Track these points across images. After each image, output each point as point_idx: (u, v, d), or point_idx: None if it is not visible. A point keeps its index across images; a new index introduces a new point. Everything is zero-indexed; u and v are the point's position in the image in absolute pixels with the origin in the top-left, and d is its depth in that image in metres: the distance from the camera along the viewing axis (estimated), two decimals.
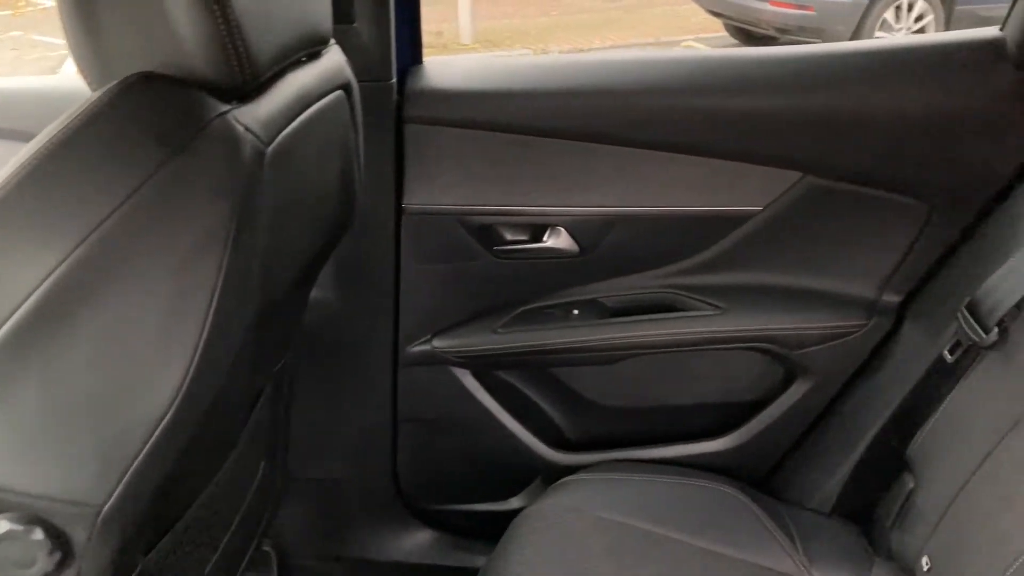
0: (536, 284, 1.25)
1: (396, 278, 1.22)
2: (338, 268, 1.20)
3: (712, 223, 1.19)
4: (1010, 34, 1.08)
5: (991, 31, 1.10)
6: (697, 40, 7.06)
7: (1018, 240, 1.04)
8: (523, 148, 1.16)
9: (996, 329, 1.00)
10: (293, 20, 0.72)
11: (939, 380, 1.08)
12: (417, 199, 1.18)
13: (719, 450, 1.29)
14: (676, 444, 1.30)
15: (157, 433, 0.59)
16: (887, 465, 1.16)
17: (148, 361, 0.59)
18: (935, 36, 1.12)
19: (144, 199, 0.57)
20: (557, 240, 1.20)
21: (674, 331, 1.22)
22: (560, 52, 6.84)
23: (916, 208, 1.16)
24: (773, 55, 1.13)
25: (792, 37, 6.04)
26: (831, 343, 1.21)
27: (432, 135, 1.16)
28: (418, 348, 1.26)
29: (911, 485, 1.11)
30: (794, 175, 1.15)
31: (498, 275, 1.23)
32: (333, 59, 0.85)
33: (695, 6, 6.74)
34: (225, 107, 0.62)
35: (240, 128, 0.62)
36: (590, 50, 6.90)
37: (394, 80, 1.12)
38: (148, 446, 0.59)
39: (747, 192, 1.17)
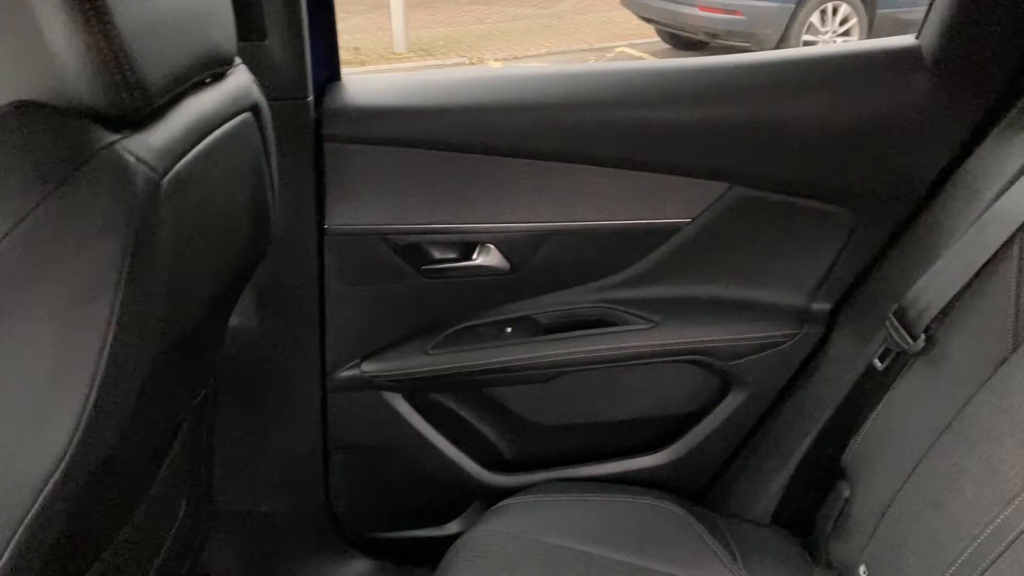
0: (467, 303, 1.22)
1: (321, 301, 1.18)
2: (259, 294, 1.16)
3: (642, 236, 1.18)
4: (925, 42, 1.09)
5: (907, 39, 1.11)
6: (631, 46, 7.14)
7: (942, 245, 1.05)
8: (449, 164, 1.13)
9: (923, 336, 1.01)
10: (190, 40, 0.68)
11: (870, 388, 1.09)
12: (339, 219, 1.14)
13: (657, 464, 1.28)
14: (613, 460, 1.29)
15: (45, 492, 0.55)
16: (824, 474, 1.16)
17: (32, 415, 0.54)
18: (853, 44, 1.12)
19: (20, 241, 0.52)
20: (487, 257, 1.18)
21: (608, 346, 1.21)
22: (495, 60, 6.84)
23: (842, 216, 1.16)
24: (696, 66, 1.12)
25: (722, 41, 6.15)
26: (764, 353, 1.21)
27: (353, 153, 1.12)
28: (347, 373, 1.22)
29: (847, 493, 1.11)
30: (721, 186, 1.14)
31: (427, 295, 1.20)
32: (239, 80, 0.81)
33: (628, 12, 6.81)
34: (113, 137, 0.57)
35: (130, 159, 0.58)
36: (525, 57, 6.92)
37: (311, 98, 1.08)
38: (36, 507, 0.55)
39: (676, 204, 1.16)
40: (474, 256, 1.17)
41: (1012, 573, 0.83)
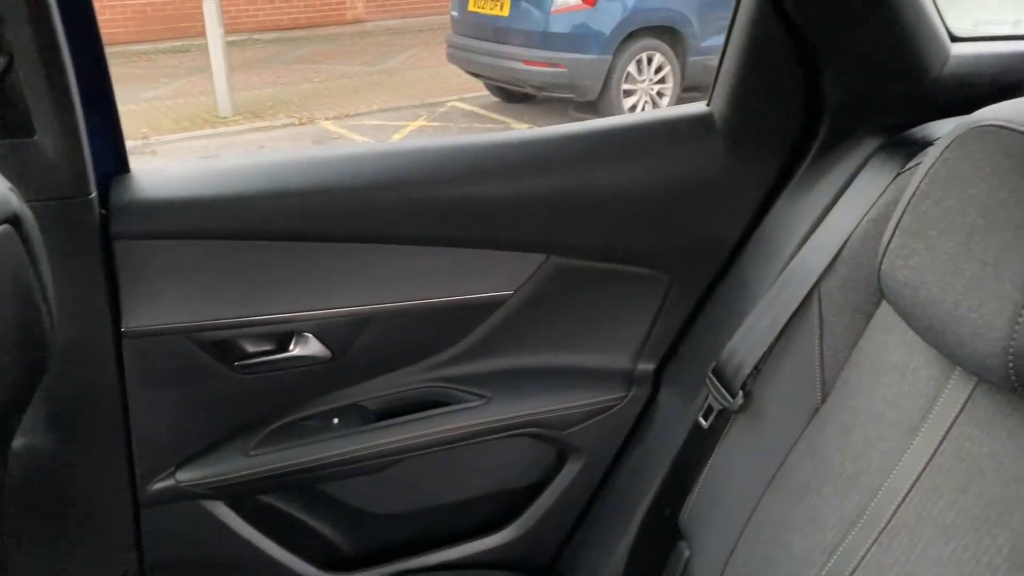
0: (288, 396, 1.15)
1: (124, 410, 1.08)
2: (51, 410, 1.04)
3: (466, 311, 1.15)
4: (715, 108, 1.14)
5: (700, 107, 1.15)
6: (461, 100, 7.26)
7: (751, 302, 1.08)
8: (256, 254, 1.07)
9: (741, 392, 1.04)
10: None
11: (698, 446, 1.10)
12: (138, 320, 1.05)
13: (502, 543, 1.25)
14: (458, 544, 1.24)
15: None
16: (664, 536, 1.17)
17: None
18: (650, 113, 1.16)
19: None
20: (305, 347, 1.11)
21: (442, 428, 1.17)
22: (326, 119, 6.76)
23: (657, 279, 1.19)
24: (503, 141, 1.13)
25: (548, 93, 6.36)
26: (596, 419, 1.21)
27: (147, 250, 1.04)
28: (160, 485, 1.12)
29: (687, 554, 1.12)
30: (539, 257, 1.14)
31: (243, 392, 1.12)
32: None
33: (456, 68, 6.93)
34: None
35: None
36: (356, 115, 6.88)
37: (94, 194, 0.99)
38: None
39: (497, 277, 1.15)
40: (291, 347, 1.11)
41: None
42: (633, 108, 6.20)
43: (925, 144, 0.98)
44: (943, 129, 0.89)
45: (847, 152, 1.07)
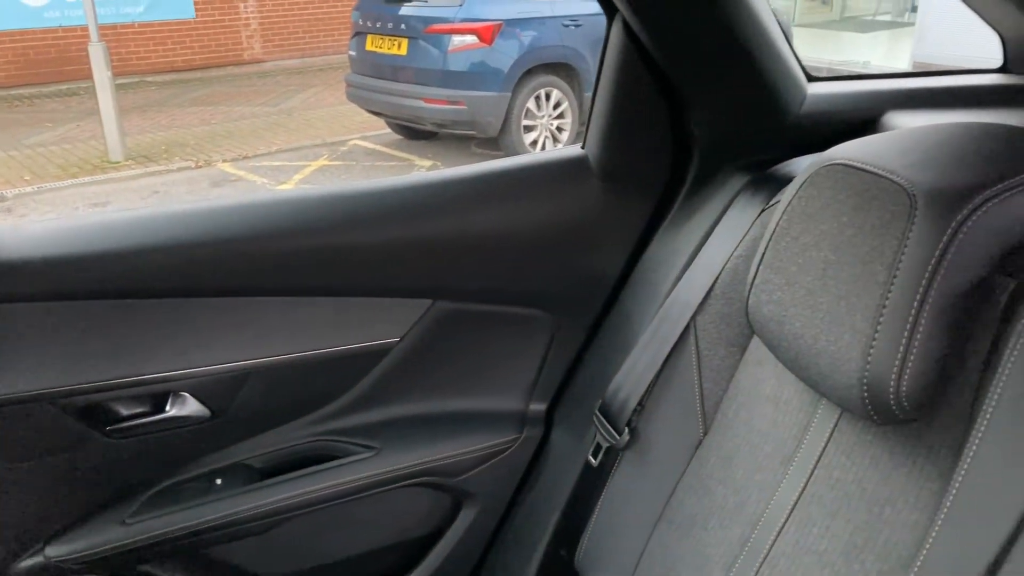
0: (166, 459, 1.10)
1: None
2: None
3: (352, 361, 1.13)
4: (590, 151, 1.16)
5: (575, 149, 1.17)
6: (363, 138, 7.22)
7: (633, 339, 1.10)
8: (124, 312, 1.02)
9: (627, 429, 1.05)
10: None
11: (590, 484, 1.11)
12: None
13: None
14: None
15: None
16: None
17: None
18: (527, 156, 1.17)
19: None
20: (182, 407, 1.07)
21: (330, 483, 1.14)
22: (224, 161, 6.61)
23: (543, 319, 1.20)
24: (381, 188, 1.11)
25: (450, 130, 6.39)
26: (489, 463, 1.20)
27: (5, 313, 0.98)
28: (28, 562, 1.05)
29: None
30: (425, 302, 1.13)
31: (117, 458, 1.06)
32: None
33: (357, 107, 6.89)
34: None
35: None
36: (256, 156, 6.75)
37: None
38: None
39: (383, 325, 1.13)
40: (167, 408, 1.06)
41: None
42: (534, 143, 6.30)
43: (786, 180, 1.02)
44: (803, 165, 0.92)
45: (716, 189, 1.10)
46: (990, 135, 0.76)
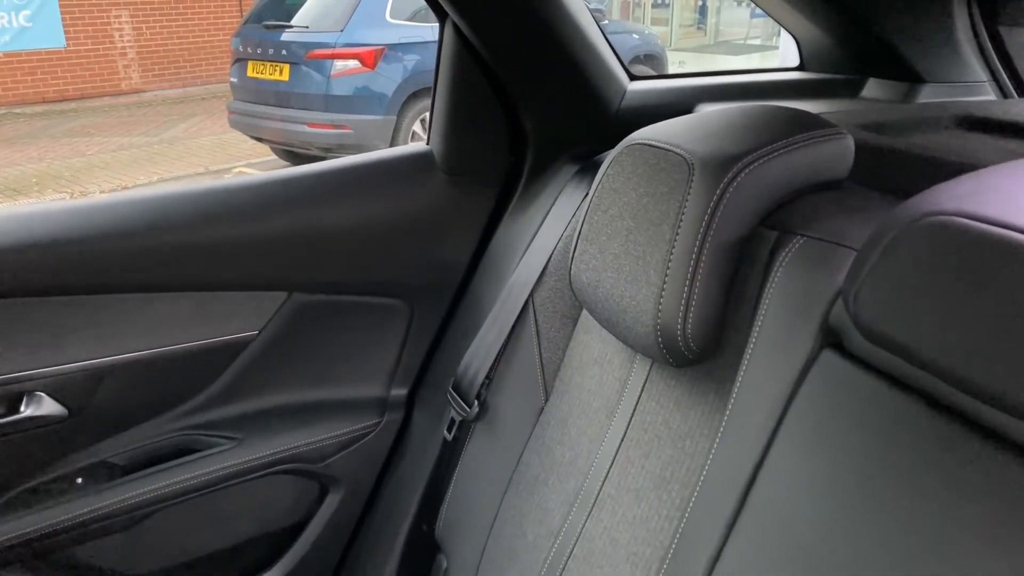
0: (24, 461, 1.10)
1: None
2: None
3: (211, 355, 1.16)
4: (435, 147, 1.24)
5: (421, 146, 1.25)
6: (249, 165, 7.12)
7: (482, 319, 1.18)
8: None
9: (476, 402, 1.12)
10: None
11: (447, 458, 1.18)
12: None
13: None
14: None
15: None
16: (425, 552, 1.22)
17: None
18: (375, 153, 1.24)
19: None
20: (38, 407, 1.08)
21: (194, 473, 1.16)
22: (101, 191, 6.40)
23: (400, 307, 1.26)
24: (233, 185, 1.16)
25: (335, 154, 6.39)
26: (353, 447, 1.25)
27: None
28: None
29: (445, 564, 1.18)
30: (281, 295, 1.18)
31: None
32: None
33: (241, 134, 6.80)
34: None
35: None
36: (135, 186, 6.57)
37: None
38: None
39: (240, 319, 1.17)
40: (22, 408, 1.07)
41: None
42: None
43: None
44: None
45: (550, 179, 1.20)
46: (760, 113, 0.88)
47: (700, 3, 15.77)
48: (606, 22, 7.84)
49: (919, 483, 0.57)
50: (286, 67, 6.18)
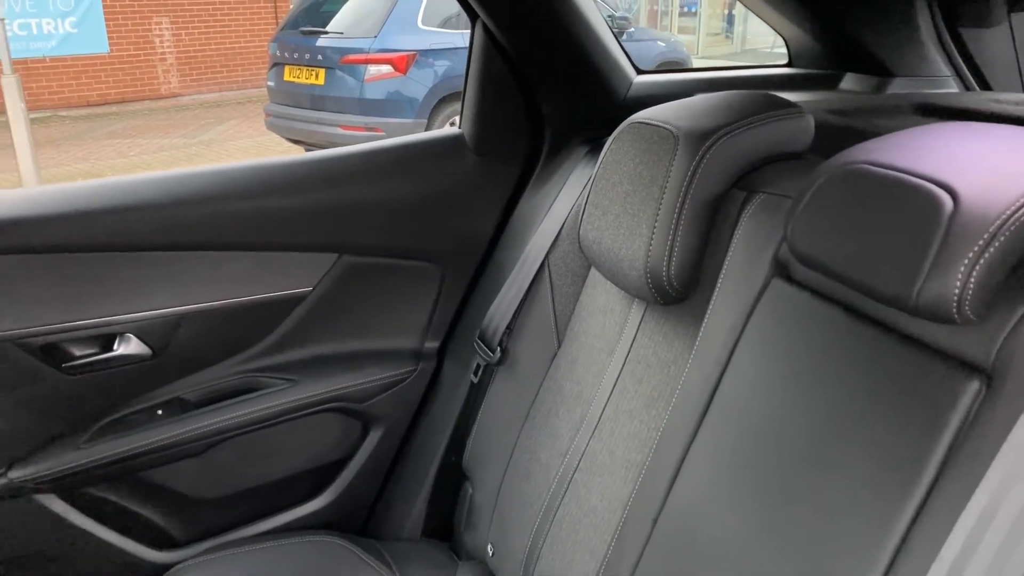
0: (115, 393, 1.30)
1: None
2: None
3: (271, 308, 1.35)
4: (466, 130, 1.43)
5: (454, 130, 1.44)
6: None
7: (504, 279, 1.36)
8: (77, 265, 1.22)
9: (499, 349, 1.30)
10: None
11: (473, 399, 1.36)
12: None
13: (316, 510, 1.44)
14: (274, 516, 1.42)
15: None
16: (453, 481, 1.40)
17: None
18: (417, 136, 1.43)
19: None
20: (128, 347, 1.27)
21: (256, 408, 1.35)
22: None
23: (433, 270, 1.45)
24: (295, 161, 1.35)
25: None
26: (391, 391, 1.44)
27: None
28: None
29: (471, 491, 1.36)
30: (332, 256, 1.37)
31: (72, 392, 1.26)
32: None
33: (277, 137, 7.06)
34: None
35: None
36: None
37: None
38: None
39: (297, 276, 1.36)
40: (115, 347, 1.27)
41: (572, 508, 1.11)
42: None
43: None
44: None
45: (565, 158, 1.38)
46: (736, 97, 1.05)
47: (728, 12, 15.90)
48: (632, 30, 8.01)
49: (839, 372, 0.74)
50: (322, 71, 6.42)
